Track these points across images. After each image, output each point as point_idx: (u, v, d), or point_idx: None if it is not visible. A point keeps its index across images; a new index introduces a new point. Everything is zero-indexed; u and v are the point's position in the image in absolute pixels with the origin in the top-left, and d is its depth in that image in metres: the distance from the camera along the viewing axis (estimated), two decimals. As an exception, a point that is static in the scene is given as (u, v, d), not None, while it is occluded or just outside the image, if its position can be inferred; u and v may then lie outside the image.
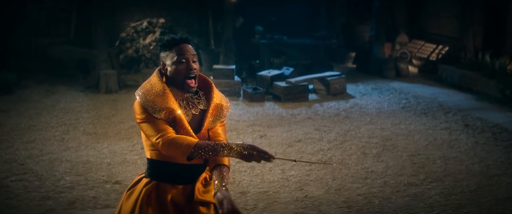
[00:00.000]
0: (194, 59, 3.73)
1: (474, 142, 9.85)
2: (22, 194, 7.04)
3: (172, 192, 3.73)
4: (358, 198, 7.09)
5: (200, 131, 3.69)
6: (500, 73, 14.23)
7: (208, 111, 3.77)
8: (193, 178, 3.75)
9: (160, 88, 3.66)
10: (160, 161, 3.73)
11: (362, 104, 12.72)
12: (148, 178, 3.80)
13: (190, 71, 3.67)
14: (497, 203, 7.05)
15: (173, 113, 3.61)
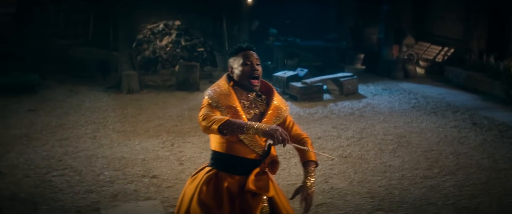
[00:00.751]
0: (257, 62, 4.31)
1: (482, 139, 10.43)
2: (66, 188, 7.57)
3: (228, 181, 4.26)
4: (379, 189, 7.68)
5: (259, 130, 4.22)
6: (504, 75, 14.75)
7: (268, 111, 4.33)
8: (248, 171, 4.25)
9: (225, 88, 4.23)
10: (222, 153, 4.28)
11: (375, 104, 13.27)
12: (210, 167, 4.34)
13: (253, 71, 4.25)
14: (506, 193, 7.66)
15: (233, 110, 4.16)
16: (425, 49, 18.93)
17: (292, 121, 4.55)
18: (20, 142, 9.61)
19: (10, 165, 8.43)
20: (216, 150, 4.31)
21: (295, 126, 4.54)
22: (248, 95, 4.32)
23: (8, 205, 6.94)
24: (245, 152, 4.23)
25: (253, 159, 4.28)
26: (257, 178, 4.26)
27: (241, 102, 4.24)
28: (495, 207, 7.23)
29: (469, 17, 17.74)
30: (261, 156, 4.29)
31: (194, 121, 11.21)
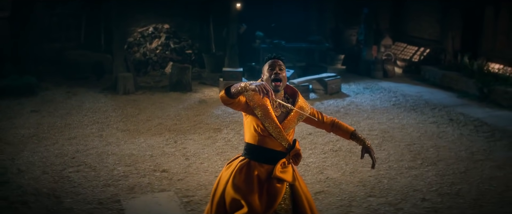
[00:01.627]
0: (281, 68, 5.15)
1: (459, 133, 11.40)
2: (84, 183, 8.32)
3: (258, 169, 5.09)
4: (370, 178, 8.58)
5: (283, 122, 5.07)
6: (478, 73, 15.79)
7: (293, 111, 5.16)
8: (275, 161, 5.08)
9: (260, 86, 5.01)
10: (254, 145, 5.10)
11: (358, 102, 14.17)
12: (243, 157, 5.17)
13: (276, 74, 5.08)
14: (483, 181, 8.63)
15: (264, 107, 5.00)
16: (402, 50, 19.91)
17: (319, 112, 5.49)
18: (31, 141, 10.29)
19: (27, 162, 9.13)
20: (249, 142, 5.13)
21: (325, 115, 5.53)
22: (276, 96, 5.14)
23: (34, 200, 7.64)
24: (274, 145, 5.06)
25: (280, 151, 5.11)
26: (282, 168, 5.10)
27: (271, 102, 5.07)
28: (474, 193, 8.16)
29: (444, 18, 18.79)
30: (286, 149, 5.13)
31: (191, 119, 12.01)
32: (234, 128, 11.47)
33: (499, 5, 16.93)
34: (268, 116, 5.00)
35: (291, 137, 5.16)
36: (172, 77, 14.69)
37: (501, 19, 16.96)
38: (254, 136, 5.09)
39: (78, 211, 7.33)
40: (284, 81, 5.16)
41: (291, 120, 5.12)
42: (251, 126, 5.07)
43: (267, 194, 5.05)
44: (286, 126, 5.07)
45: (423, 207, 7.68)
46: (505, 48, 16.77)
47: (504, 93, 14.46)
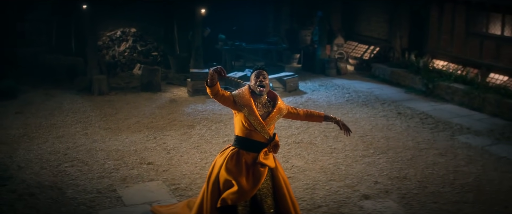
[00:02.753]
0: (265, 76, 6.56)
1: (406, 125, 13.04)
2: (80, 176, 9.58)
3: (246, 156, 6.51)
4: (329, 166, 10.12)
5: (265, 120, 6.48)
6: (423, 70, 17.47)
7: (273, 111, 6.60)
8: (259, 150, 6.52)
9: (246, 93, 6.45)
10: (242, 137, 6.51)
11: (314, 98, 15.67)
12: (233, 146, 6.58)
13: (260, 82, 6.50)
14: (427, 166, 10.26)
15: (249, 107, 6.41)
16: (353, 48, 21.52)
17: (293, 107, 6.93)
18: (23, 140, 11.44)
19: (25, 159, 10.30)
20: (238, 135, 6.54)
21: (298, 109, 6.98)
22: (260, 99, 6.56)
23: (39, 191, 8.84)
24: (258, 137, 6.48)
25: (263, 142, 6.54)
26: (265, 155, 6.53)
27: (256, 103, 6.48)
28: (419, 176, 9.76)
29: (392, 19, 20.41)
30: (268, 141, 6.56)
31: (165, 117, 13.33)
32: (205, 124, 12.84)
33: (443, 6, 18.55)
34: (253, 114, 6.42)
35: (272, 131, 6.60)
36: (143, 79, 15.94)
37: (445, 20, 18.59)
38: (242, 130, 6.50)
39: (81, 199, 8.60)
40: (267, 87, 6.58)
41: (272, 117, 6.54)
42: (240, 122, 6.49)
43: (253, 176, 6.47)
44: (268, 122, 6.50)
45: (375, 188, 9.22)
46: (449, 46, 18.44)
47: (447, 88, 16.15)
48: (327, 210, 8.38)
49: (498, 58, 16.91)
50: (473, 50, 17.72)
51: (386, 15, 20.91)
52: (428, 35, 19.37)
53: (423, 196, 9.03)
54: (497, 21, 17.00)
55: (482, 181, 9.79)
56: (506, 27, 16.69)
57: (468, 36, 17.92)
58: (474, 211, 8.57)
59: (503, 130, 13.03)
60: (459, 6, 18.00)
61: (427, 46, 19.33)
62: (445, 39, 18.69)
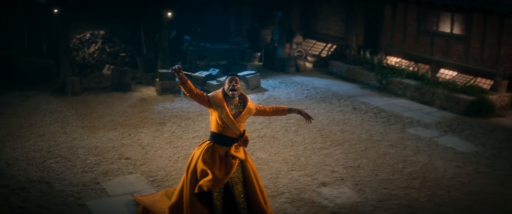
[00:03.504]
0: (237, 82, 7.70)
1: (361, 119, 14.38)
2: (65, 171, 10.63)
3: (219, 149, 7.69)
4: (291, 157, 11.41)
5: (236, 118, 7.66)
6: (378, 67, 18.91)
7: (243, 111, 7.77)
8: (231, 144, 7.72)
9: (219, 95, 7.63)
10: (217, 133, 7.69)
11: (276, 95, 16.92)
12: (209, 141, 7.77)
13: (233, 86, 7.67)
14: (378, 156, 11.63)
15: (221, 107, 7.59)
16: (312, 46, 22.82)
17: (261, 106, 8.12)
18: (7, 139, 12.38)
19: (11, 157, 11.28)
20: (213, 131, 7.73)
21: (265, 107, 8.16)
22: (232, 101, 7.75)
23: (29, 186, 9.83)
24: (230, 133, 7.68)
25: (234, 138, 7.74)
26: (236, 149, 7.74)
27: (228, 105, 7.67)
28: (371, 165, 11.11)
29: (348, 18, 21.76)
30: (239, 136, 7.77)
31: (137, 115, 14.42)
32: (175, 121, 13.97)
33: (396, 5, 19.94)
34: (225, 113, 7.62)
35: (242, 128, 7.80)
36: (114, 79, 16.97)
37: (398, 18, 20.00)
38: (217, 127, 7.71)
39: (68, 192, 9.68)
40: (239, 91, 7.74)
41: (243, 116, 7.74)
42: (215, 120, 7.69)
43: (225, 166, 7.68)
44: (239, 120, 7.70)
45: (332, 176, 10.52)
46: (401, 44, 19.87)
47: (400, 84, 17.57)
48: (289, 196, 9.62)
49: (447, 54, 18.41)
50: (424, 47, 19.20)
51: (342, 14, 22.21)
52: (382, 33, 20.73)
53: (375, 183, 10.34)
54: (447, 19, 18.47)
55: (428, 169, 11.17)
56: (455, 25, 18.18)
57: (419, 34, 19.37)
58: (420, 195, 9.88)
59: (451, 123, 14.49)
60: (411, 6, 19.42)
61: (381, 43, 20.71)
62: (398, 37, 20.10)
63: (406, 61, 19.33)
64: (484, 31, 17.28)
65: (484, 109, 15.44)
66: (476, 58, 17.52)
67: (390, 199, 9.70)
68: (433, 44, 18.96)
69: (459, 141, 13.04)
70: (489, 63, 17.14)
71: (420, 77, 17.67)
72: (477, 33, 17.51)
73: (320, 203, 9.43)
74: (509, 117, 15.42)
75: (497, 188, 10.35)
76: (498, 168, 11.39)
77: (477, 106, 15.49)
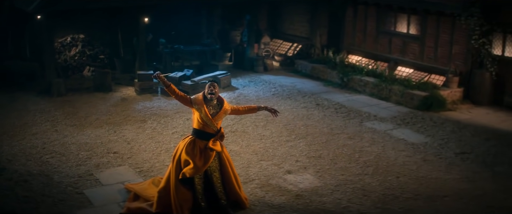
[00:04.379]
0: (215, 86, 9.36)
1: (323, 114, 16.15)
2: (61, 164, 12.17)
3: (199, 143, 9.38)
4: (259, 149, 13.13)
5: (214, 117, 9.35)
6: (340, 65, 20.66)
7: (220, 111, 9.46)
8: (209, 139, 9.41)
9: (200, 98, 9.32)
10: (197, 129, 9.37)
11: (245, 93, 18.60)
12: (191, 136, 9.47)
13: (211, 90, 9.36)
14: (338, 148, 13.39)
15: (201, 106, 9.29)
16: (278, 46, 24.54)
17: (235, 106, 9.82)
18: (4, 138, 13.83)
19: (11, 154, 12.76)
20: (195, 127, 9.41)
21: (237, 106, 9.88)
22: (211, 102, 9.44)
23: (31, 178, 11.34)
24: (208, 130, 9.36)
25: (212, 133, 9.43)
26: (213, 142, 9.44)
27: (207, 106, 9.36)
28: (331, 155, 12.87)
29: (312, 19, 23.49)
30: (216, 132, 9.46)
31: (120, 114, 15.99)
32: (155, 119, 15.58)
33: (356, 7, 21.73)
34: (204, 113, 9.31)
35: (219, 125, 9.49)
36: (96, 80, 18.51)
37: (358, 19, 21.82)
38: (197, 124, 9.39)
39: (66, 182, 11.22)
40: (216, 94, 9.40)
41: (219, 116, 9.43)
42: (196, 118, 9.38)
43: (204, 157, 9.37)
44: (216, 119, 9.39)
45: (296, 165, 12.26)
46: (362, 43, 21.67)
47: (360, 81, 19.36)
48: (259, 182, 11.34)
49: (404, 53, 20.24)
50: (383, 46, 21.02)
51: (307, 16, 23.92)
52: (344, 34, 22.51)
53: (333, 170, 12.08)
54: (404, 21, 20.30)
55: (381, 158, 12.94)
56: (411, 26, 20.03)
57: (378, 34, 21.18)
58: (372, 180, 11.63)
59: (405, 117, 16.32)
60: (371, 8, 21.21)
61: (343, 43, 22.49)
62: (359, 37, 21.91)
63: (366, 59, 21.18)
64: (437, 32, 19.11)
65: (435, 104, 17.21)
66: (430, 57, 19.36)
67: (346, 183, 11.43)
68: (391, 44, 20.76)
69: (411, 133, 14.83)
70: (442, 61, 18.97)
71: (379, 75, 19.42)
72: (431, 33, 19.33)
73: (285, 187, 11.14)
74: (459, 110, 17.26)
75: (440, 174, 12.13)
76: (443, 156, 13.17)
77: (429, 101, 17.25)
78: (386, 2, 20.15)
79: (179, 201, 9.43)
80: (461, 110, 17.39)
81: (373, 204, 10.55)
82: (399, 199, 10.81)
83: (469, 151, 13.54)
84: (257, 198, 10.62)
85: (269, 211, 10.14)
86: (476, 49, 17.94)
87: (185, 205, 9.47)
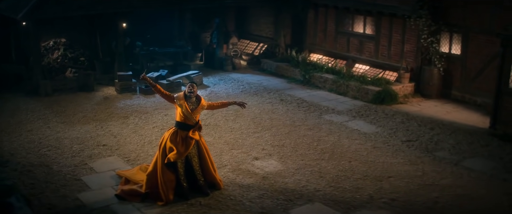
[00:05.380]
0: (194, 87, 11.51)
1: (286, 109, 18.35)
2: (57, 156, 14.12)
3: (181, 133, 11.52)
4: (230, 139, 15.30)
5: (193, 112, 11.48)
6: (302, 64, 22.75)
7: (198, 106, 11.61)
8: (189, 129, 11.54)
9: (181, 95, 11.47)
10: (179, 121, 11.52)
11: (216, 91, 20.72)
12: (174, 127, 11.63)
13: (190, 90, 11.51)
14: (299, 137, 15.59)
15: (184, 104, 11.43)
16: (245, 46, 26.66)
17: (210, 102, 12.05)
18: (2, 135, 15.68)
19: (11, 148, 14.64)
20: (177, 120, 11.56)
21: (212, 102, 12.15)
22: (190, 99, 11.54)
23: (33, 169, 13.26)
24: (189, 122, 11.49)
25: (191, 125, 11.55)
26: (193, 132, 11.59)
27: (188, 102, 11.47)
28: (293, 144, 15.08)
29: (277, 20, 25.51)
30: (194, 124, 11.59)
31: (104, 111, 17.93)
32: (136, 115, 17.59)
33: (317, 10, 23.84)
34: (185, 108, 11.43)
35: (197, 118, 11.62)
36: (79, 81, 20.45)
37: (319, 21, 23.93)
38: (180, 117, 11.53)
39: (65, 171, 13.20)
40: (195, 93, 11.52)
41: (197, 110, 11.56)
42: (178, 113, 11.51)
43: (185, 144, 11.52)
44: (194, 113, 11.51)
45: (263, 153, 14.44)
46: (323, 43, 23.81)
47: (320, 78, 21.53)
48: (231, 167, 13.49)
49: (361, 51, 22.46)
50: (342, 45, 23.18)
51: (272, 17, 25.96)
52: (306, 34, 24.63)
53: (294, 156, 14.28)
54: (360, 22, 22.50)
55: (336, 146, 15.17)
56: (367, 27, 22.26)
57: (337, 34, 23.31)
58: (327, 164, 13.83)
59: (359, 110, 18.60)
60: (330, 10, 23.34)
61: (305, 43, 24.62)
62: (320, 36, 24.02)
63: (326, 58, 23.39)
64: (390, 32, 21.35)
65: (388, 98, 19.44)
66: (384, 54, 21.61)
67: (305, 167, 13.65)
68: (349, 43, 22.95)
69: (364, 124, 17.12)
70: (395, 59, 21.22)
71: (337, 72, 21.61)
72: (384, 33, 21.56)
73: (253, 171, 13.33)
74: (410, 103, 19.59)
75: (387, 158, 14.39)
76: (391, 144, 15.45)
77: (382, 95, 19.48)
78: (344, 5, 22.30)
79: (165, 181, 11.55)
80: (412, 103, 19.72)
81: (327, 184, 12.74)
82: (350, 179, 13.03)
83: (414, 139, 15.85)
84: (229, 180, 12.78)
85: (240, 190, 12.29)
86: (425, 48, 20.18)
87: (169, 185, 11.60)
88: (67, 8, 19.81)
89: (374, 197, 12.15)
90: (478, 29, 19.13)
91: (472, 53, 19.53)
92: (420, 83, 20.63)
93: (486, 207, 11.89)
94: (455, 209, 11.68)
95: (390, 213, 11.49)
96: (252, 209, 11.42)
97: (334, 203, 11.80)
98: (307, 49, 24.37)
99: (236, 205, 11.63)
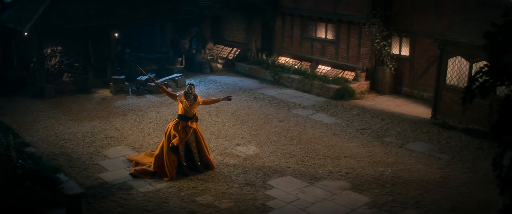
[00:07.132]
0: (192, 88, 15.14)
1: (259, 105, 21.99)
2: (74, 147, 17.43)
3: (182, 123, 15.14)
4: (215, 131, 18.89)
5: (191, 106, 15.09)
6: (271, 66, 26.15)
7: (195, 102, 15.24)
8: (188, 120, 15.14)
9: (182, 94, 15.10)
10: (180, 114, 15.14)
11: (198, 91, 23.27)
12: (177, 119, 15.28)
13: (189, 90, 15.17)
14: (272, 128, 19.24)
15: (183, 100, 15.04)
16: (220, 50, 30.05)
17: (204, 99, 15.79)
18: (22, 131, 18.71)
19: (33, 141, 17.72)
20: (179, 113, 15.18)
21: (206, 98, 16.16)
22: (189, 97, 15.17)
23: (56, 157, 16.46)
24: (188, 114, 15.12)
25: (190, 117, 15.18)
26: (191, 122, 15.26)
27: (187, 99, 15.08)
28: (267, 133, 18.70)
29: (248, 27, 28.79)
30: (192, 116, 15.23)
31: (105, 110, 21.34)
32: (134, 112, 21.01)
33: (284, 18, 27.22)
34: (185, 103, 15.05)
35: (195, 111, 15.23)
36: (78, 84, 23.76)
37: (286, 27, 27.32)
38: (181, 111, 15.12)
39: (84, 158, 16.55)
40: (192, 92, 15.11)
41: (194, 105, 15.17)
42: (180, 107, 15.10)
43: (185, 131, 15.14)
44: (192, 107, 15.10)
45: (243, 140, 18.05)
46: (290, 47, 27.26)
47: (288, 78, 25.02)
48: (218, 152, 17.07)
49: (323, 54, 25.90)
50: (307, 49, 26.57)
51: (244, 25, 29.24)
52: (275, 39, 27.95)
53: (269, 143, 17.88)
54: (322, 28, 25.94)
55: (302, 134, 18.80)
56: (328, 32, 25.73)
57: (303, 39, 26.70)
58: (296, 148, 17.42)
59: (322, 105, 22.24)
60: (296, 18, 26.75)
61: (274, 47, 27.95)
62: (287, 41, 27.39)
63: (293, 60, 26.77)
64: (348, 37, 24.82)
65: (346, 94, 23.00)
66: (344, 57, 25.09)
67: (278, 150, 17.23)
68: (313, 47, 26.31)
69: (325, 116, 20.79)
70: (353, 60, 24.74)
71: (303, 72, 25.07)
72: (343, 38, 25.02)
73: (237, 154, 16.93)
74: (365, 99, 23.27)
75: (344, 143, 18.05)
76: (348, 132, 19.12)
77: (341, 92, 23.04)
78: (308, 14, 25.80)
79: (169, 162, 15.14)
80: (367, 98, 23.41)
81: (296, 162, 16.37)
82: (314, 159, 16.64)
83: (367, 128, 19.55)
84: (218, 161, 16.34)
85: (227, 168, 15.89)
86: (378, 50, 23.67)
87: (172, 164, 15.18)
88: (67, 21, 23.07)
89: (333, 171, 15.72)
90: (423, 33, 22.56)
91: (419, 54, 23.02)
92: (375, 81, 24.08)
93: (421, 178, 15.43)
94: (396, 180, 15.25)
95: (345, 182, 15.04)
96: (238, 181, 15.00)
97: (301, 176, 15.37)
98: (276, 53, 27.65)
99: (225, 179, 15.18)
